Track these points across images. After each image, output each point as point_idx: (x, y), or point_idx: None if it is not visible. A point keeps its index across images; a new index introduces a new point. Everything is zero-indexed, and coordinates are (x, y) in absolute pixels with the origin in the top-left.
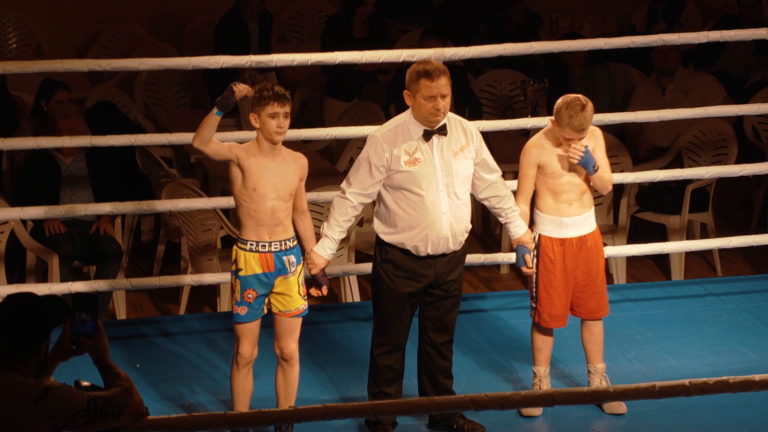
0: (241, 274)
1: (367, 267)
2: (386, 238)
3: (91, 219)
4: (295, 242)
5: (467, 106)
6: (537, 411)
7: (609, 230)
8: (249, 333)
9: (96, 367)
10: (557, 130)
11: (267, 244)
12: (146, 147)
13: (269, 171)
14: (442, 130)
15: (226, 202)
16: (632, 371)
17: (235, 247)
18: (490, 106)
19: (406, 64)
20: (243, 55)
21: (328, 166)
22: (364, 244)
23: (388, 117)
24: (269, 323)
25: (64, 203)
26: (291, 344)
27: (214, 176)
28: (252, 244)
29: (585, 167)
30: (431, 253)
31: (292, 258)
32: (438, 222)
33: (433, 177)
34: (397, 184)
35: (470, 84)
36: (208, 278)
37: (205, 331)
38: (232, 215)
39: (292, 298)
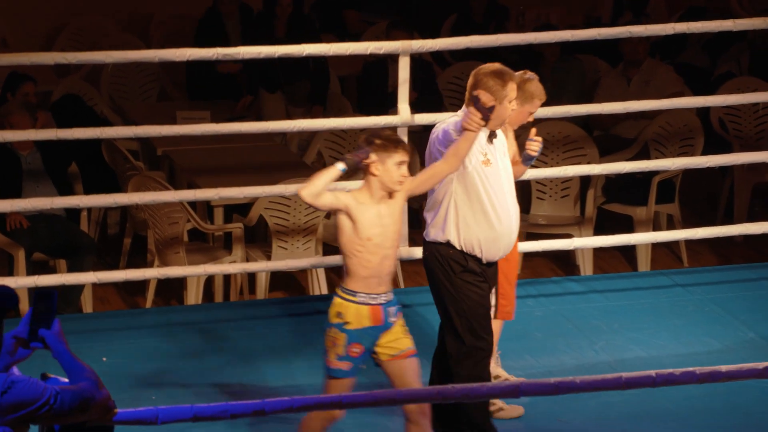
0: (348, 327)
1: (333, 259)
2: (458, 244)
3: (58, 212)
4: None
5: (431, 98)
6: (516, 412)
7: (576, 221)
8: (346, 390)
9: (58, 361)
10: (515, 114)
11: (377, 296)
12: (112, 140)
13: (383, 219)
14: (495, 131)
15: (193, 194)
16: (599, 362)
17: (339, 299)
18: (457, 98)
19: (373, 57)
20: (209, 48)
21: (296, 158)
22: (331, 237)
23: (358, 110)
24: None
25: (29, 196)
26: None
27: (181, 169)
28: (363, 296)
29: (531, 160)
30: (496, 259)
31: (395, 308)
32: (509, 226)
33: (499, 178)
34: (471, 183)
35: (437, 77)
36: (175, 271)
37: (172, 324)
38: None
39: (401, 339)
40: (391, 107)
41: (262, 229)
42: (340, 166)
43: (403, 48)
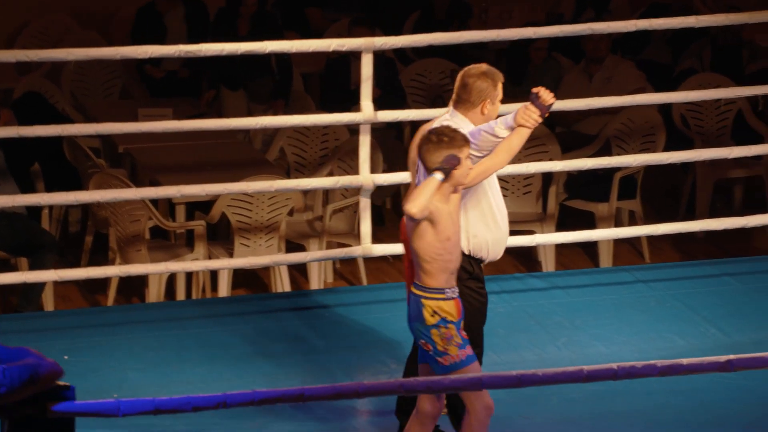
0: (451, 319)
1: (296, 257)
2: (467, 249)
3: (20, 210)
4: None
5: (394, 95)
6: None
7: (538, 218)
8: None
9: None
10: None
11: (454, 289)
12: (74, 137)
13: (453, 216)
14: None
15: (154, 192)
16: (561, 358)
17: (429, 301)
18: (420, 95)
19: (336, 54)
20: (172, 45)
21: (259, 155)
22: (294, 234)
23: (321, 107)
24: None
25: None
26: None
27: (143, 166)
28: (448, 292)
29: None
30: (497, 259)
31: None
32: (507, 225)
33: (494, 176)
34: (480, 185)
35: (399, 73)
36: (137, 269)
37: (134, 322)
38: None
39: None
40: (353, 104)
41: (225, 227)
42: (438, 176)
43: (366, 45)
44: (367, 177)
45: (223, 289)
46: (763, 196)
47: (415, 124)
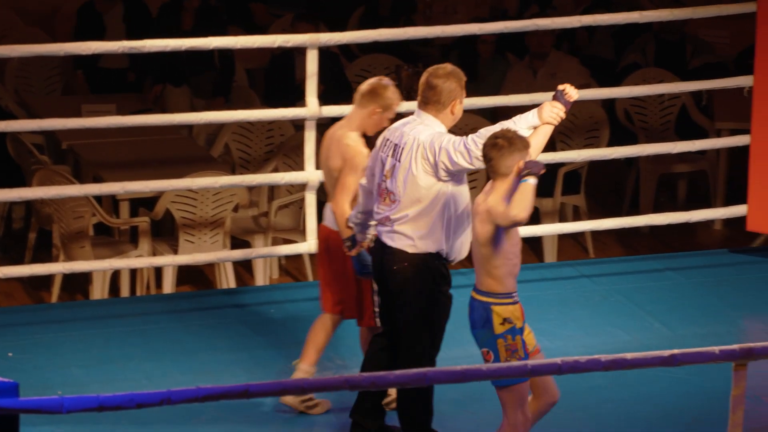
0: (519, 328)
1: (241, 253)
2: (445, 252)
3: None
4: None
5: (339, 90)
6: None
7: None
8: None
9: None
10: (375, 120)
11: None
12: (17, 134)
13: None
14: None
15: (98, 188)
16: None
17: (500, 307)
18: None
19: (280, 50)
20: (116, 41)
21: (204, 152)
22: (238, 230)
23: (265, 103)
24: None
25: None
26: None
27: (86, 163)
28: (515, 295)
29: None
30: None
31: None
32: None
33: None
34: (461, 190)
35: (344, 69)
36: (80, 266)
37: (78, 319)
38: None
39: (531, 333)
40: (298, 100)
41: (169, 223)
42: (533, 181)
43: (311, 41)
44: (312, 173)
45: (168, 286)
46: (707, 190)
47: None
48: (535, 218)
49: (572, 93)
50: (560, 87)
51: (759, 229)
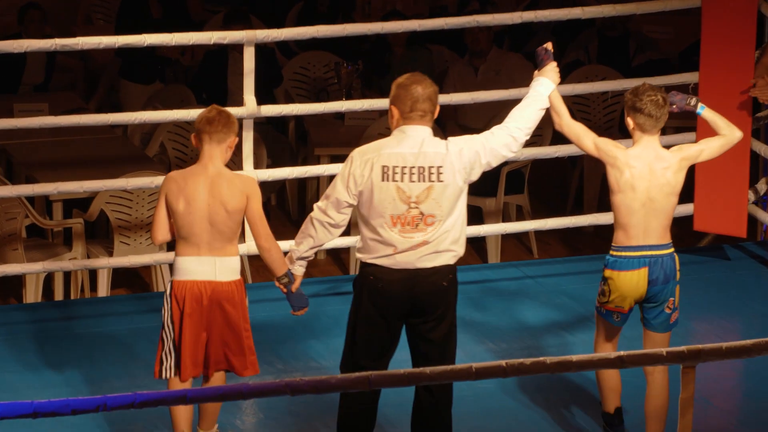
0: None
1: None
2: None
3: None
4: None
5: (276, 89)
6: None
7: None
8: None
9: None
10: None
11: None
12: None
13: None
14: None
15: (31, 189)
16: None
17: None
18: (304, 89)
19: (216, 46)
20: (48, 39)
21: (139, 151)
22: None
23: (201, 101)
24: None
25: None
26: None
27: (19, 163)
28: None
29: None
30: None
31: None
32: None
33: None
34: None
35: (282, 68)
36: (13, 268)
37: (11, 323)
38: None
39: None
40: (232, 97)
41: (104, 225)
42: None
43: (248, 38)
44: (250, 172)
45: (103, 289)
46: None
47: (298, 118)
48: (478, 218)
49: (550, 46)
50: (546, 46)
51: (706, 229)
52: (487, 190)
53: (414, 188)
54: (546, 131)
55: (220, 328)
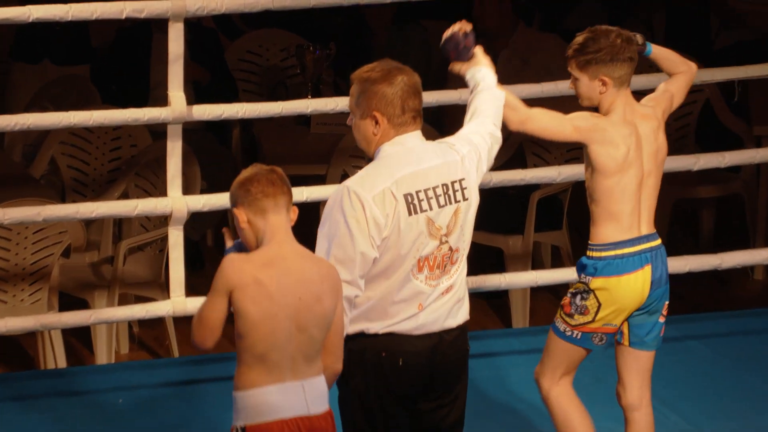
0: None
1: (74, 317)
2: None
3: None
4: None
5: (217, 81)
6: None
7: None
8: None
9: None
10: None
11: None
12: None
13: None
14: None
15: None
16: None
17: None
18: (254, 82)
19: (131, 22)
20: None
21: (19, 170)
22: (71, 283)
23: (109, 98)
24: None
25: None
26: None
27: None
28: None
29: None
30: None
31: None
32: None
33: None
34: None
35: (224, 51)
36: None
37: None
38: None
39: None
40: (154, 93)
41: None
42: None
43: (175, 10)
44: (178, 200)
45: None
46: (743, 224)
47: (246, 123)
48: (498, 264)
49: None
50: (463, 29)
51: None
52: (511, 225)
53: (443, 215)
54: None
55: None
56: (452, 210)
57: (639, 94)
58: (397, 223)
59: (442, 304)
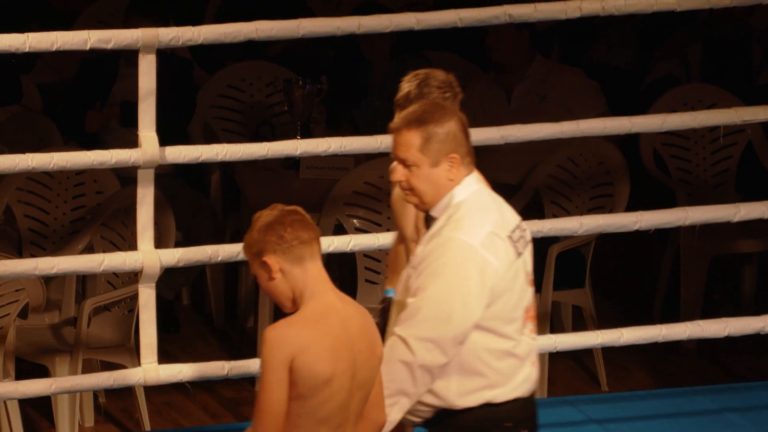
0: None
1: (34, 386)
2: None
3: None
4: None
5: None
6: None
7: None
8: None
9: None
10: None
11: None
12: None
13: None
14: (431, 221)
15: None
16: None
17: None
18: (235, 121)
19: (96, 54)
20: None
21: None
22: (29, 348)
23: (70, 138)
24: None
25: None
26: None
27: None
28: None
29: None
30: None
31: None
32: None
33: None
34: None
35: (200, 86)
36: None
37: None
38: None
39: None
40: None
41: None
42: None
43: (147, 40)
44: (149, 254)
45: None
46: None
47: (226, 167)
48: None
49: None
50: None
51: None
52: None
53: (528, 257)
54: (620, 189)
55: None
56: (529, 251)
57: (674, 135)
58: (508, 269)
59: (535, 360)
